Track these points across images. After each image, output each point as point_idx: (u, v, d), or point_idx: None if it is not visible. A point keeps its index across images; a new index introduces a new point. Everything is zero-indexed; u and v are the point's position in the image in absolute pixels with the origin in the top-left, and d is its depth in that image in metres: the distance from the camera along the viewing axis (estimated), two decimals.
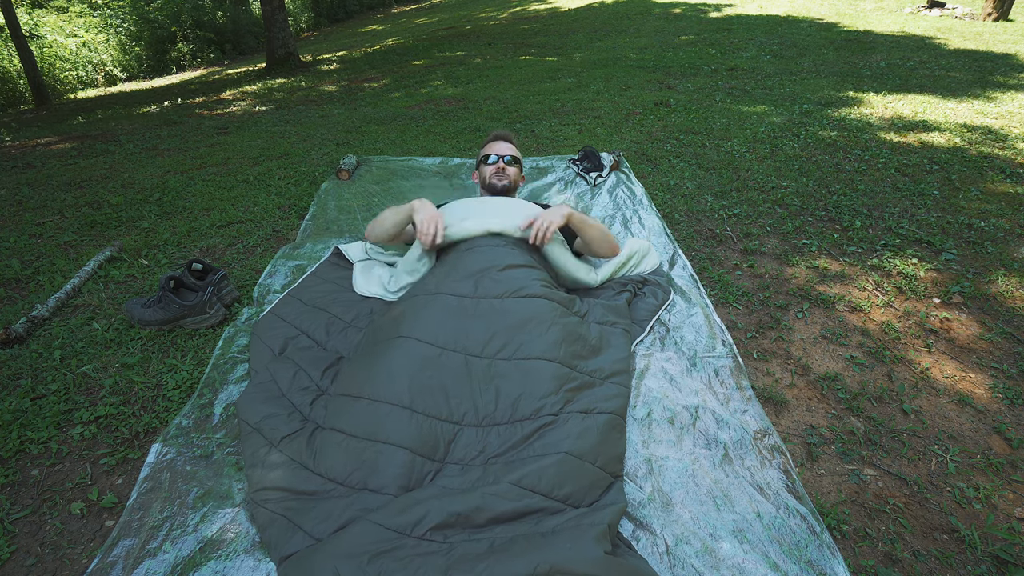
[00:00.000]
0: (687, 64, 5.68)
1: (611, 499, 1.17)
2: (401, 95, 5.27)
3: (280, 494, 1.19)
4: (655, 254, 2.05)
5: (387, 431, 1.25)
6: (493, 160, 2.11)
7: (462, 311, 1.46)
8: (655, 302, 1.83)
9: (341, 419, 1.29)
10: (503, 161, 2.11)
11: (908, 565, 1.11)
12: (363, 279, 1.95)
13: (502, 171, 2.10)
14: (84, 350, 1.74)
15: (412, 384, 1.31)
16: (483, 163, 2.15)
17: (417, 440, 1.25)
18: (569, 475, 1.17)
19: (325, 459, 1.24)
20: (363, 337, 1.59)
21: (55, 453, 1.38)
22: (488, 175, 2.12)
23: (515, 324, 1.45)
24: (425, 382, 1.32)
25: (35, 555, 1.15)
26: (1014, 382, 1.57)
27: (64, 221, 2.67)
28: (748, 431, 1.38)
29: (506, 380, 1.36)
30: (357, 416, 1.28)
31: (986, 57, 5.63)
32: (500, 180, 2.10)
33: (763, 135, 3.51)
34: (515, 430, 1.29)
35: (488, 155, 2.14)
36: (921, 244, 2.25)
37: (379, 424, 1.26)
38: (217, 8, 13.59)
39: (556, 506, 1.13)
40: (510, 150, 2.16)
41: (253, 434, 1.33)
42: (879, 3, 9.34)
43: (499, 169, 2.10)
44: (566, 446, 1.22)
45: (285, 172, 3.21)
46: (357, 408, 1.29)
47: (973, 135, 3.41)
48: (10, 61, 9.28)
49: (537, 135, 3.71)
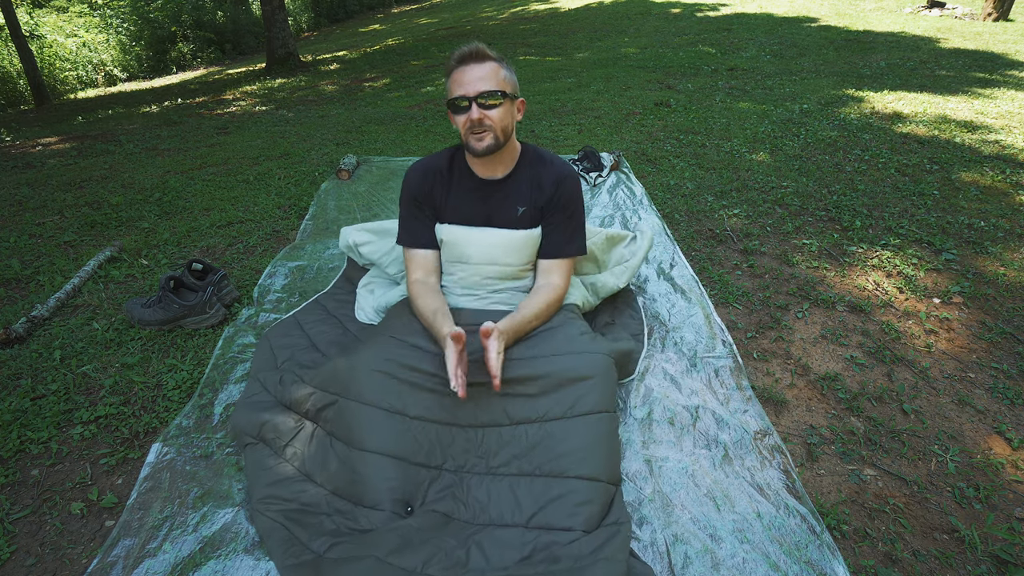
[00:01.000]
0: (687, 64, 5.68)
1: (615, 516, 1.15)
2: (401, 95, 5.27)
3: (281, 503, 1.19)
4: (642, 239, 1.89)
5: (377, 441, 1.23)
6: (462, 101, 1.36)
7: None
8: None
9: (338, 426, 1.29)
10: (477, 106, 1.35)
11: (908, 565, 1.11)
12: (364, 302, 1.83)
13: (478, 124, 1.36)
14: (84, 350, 1.74)
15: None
16: (452, 109, 1.40)
17: (411, 448, 1.24)
18: (582, 503, 1.15)
19: (325, 469, 1.24)
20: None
21: (55, 453, 1.38)
22: (463, 132, 1.40)
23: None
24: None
25: (35, 555, 1.15)
26: (1014, 382, 1.57)
27: (64, 221, 2.67)
28: (748, 431, 1.38)
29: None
30: (351, 424, 1.27)
31: (986, 57, 5.63)
32: (480, 141, 1.38)
33: (763, 135, 3.51)
34: (517, 433, 1.28)
35: (455, 95, 1.37)
36: (921, 244, 2.25)
37: (371, 432, 1.25)
38: (217, 8, 13.60)
39: (568, 536, 1.11)
40: (487, 79, 1.35)
41: (256, 444, 1.32)
42: (879, 3, 9.34)
43: (474, 122, 1.36)
44: (576, 469, 1.19)
45: (285, 172, 3.21)
46: (348, 416, 1.28)
47: (973, 135, 3.41)
48: (10, 61, 9.28)
49: (537, 135, 3.71)
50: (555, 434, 1.25)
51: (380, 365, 1.31)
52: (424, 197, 1.53)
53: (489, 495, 1.21)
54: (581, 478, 1.18)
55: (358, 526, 1.15)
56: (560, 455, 1.21)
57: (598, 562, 1.02)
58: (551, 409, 1.27)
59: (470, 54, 1.37)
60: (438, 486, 1.23)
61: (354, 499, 1.20)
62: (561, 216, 1.52)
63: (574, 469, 1.19)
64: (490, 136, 1.38)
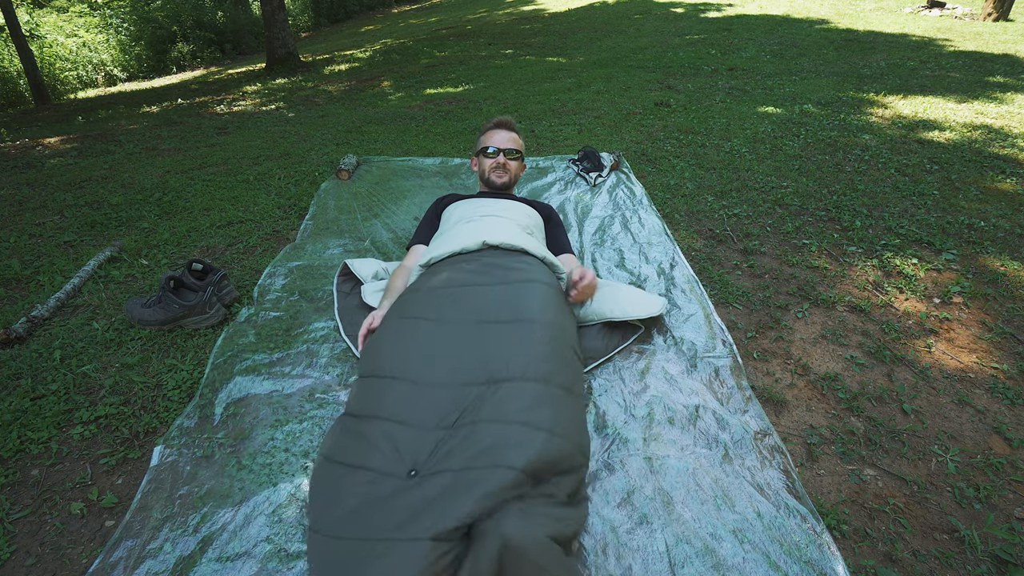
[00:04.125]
0: (687, 64, 5.69)
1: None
2: (401, 95, 5.27)
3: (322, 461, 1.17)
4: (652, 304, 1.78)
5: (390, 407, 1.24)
6: (493, 151, 1.98)
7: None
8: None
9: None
10: (504, 156, 1.98)
11: (908, 565, 1.11)
12: (370, 295, 1.90)
13: (503, 167, 1.99)
14: (84, 350, 1.74)
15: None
16: (482, 154, 2.02)
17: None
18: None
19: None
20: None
21: (55, 453, 1.38)
22: (487, 169, 2.01)
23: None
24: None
25: (35, 555, 1.15)
26: (1014, 382, 1.57)
27: (64, 221, 2.67)
28: (748, 431, 1.38)
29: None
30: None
31: (986, 57, 5.63)
32: (500, 177, 1.99)
33: (763, 135, 3.51)
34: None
35: (487, 146, 2.01)
36: (921, 244, 2.25)
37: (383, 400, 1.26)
38: (217, 8, 13.60)
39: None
40: (512, 141, 2.02)
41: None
42: (879, 3, 9.34)
43: (499, 164, 1.98)
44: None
45: (285, 172, 3.21)
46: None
47: (973, 135, 3.41)
48: (10, 61, 9.28)
49: (537, 135, 3.71)
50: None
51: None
52: (441, 201, 2.03)
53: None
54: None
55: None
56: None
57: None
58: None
59: (502, 123, 2.06)
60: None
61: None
62: (551, 225, 2.00)
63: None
64: (507, 176, 2.02)
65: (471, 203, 1.93)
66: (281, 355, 1.68)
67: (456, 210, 1.92)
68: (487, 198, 1.98)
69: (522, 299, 1.42)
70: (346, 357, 1.67)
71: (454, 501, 0.98)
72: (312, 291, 1.99)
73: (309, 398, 1.52)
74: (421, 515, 0.97)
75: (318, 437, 1.39)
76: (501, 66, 6.27)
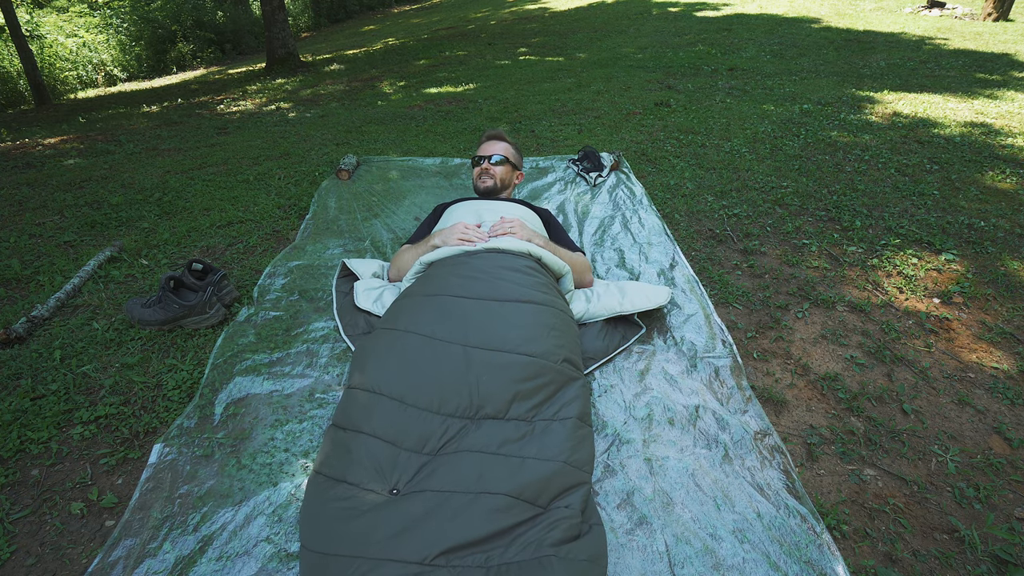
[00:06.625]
0: (687, 64, 5.68)
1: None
2: (401, 95, 5.27)
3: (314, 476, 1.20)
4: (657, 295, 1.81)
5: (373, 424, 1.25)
6: (478, 160, 2.17)
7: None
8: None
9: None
10: (488, 162, 2.14)
11: (908, 565, 1.11)
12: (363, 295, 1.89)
13: (486, 172, 2.14)
14: (84, 350, 1.74)
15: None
16: (473, 164, 2.21)
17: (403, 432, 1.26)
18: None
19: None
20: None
21: (55, 453, 1.38)
22: (475, 177, 2.19)
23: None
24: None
25: (35, 555, 1.15)
26: (1014, 382, 1.57)
27: (64, 221, 2.67)
28: (748, 431, 1.38)
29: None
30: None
31: (986, 57, 5.63)
32: (483, 182, 2.14)
33: (763, 135, 3.51)
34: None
35: (476, 156, 2.20)
36: (921, 244, 2.25)
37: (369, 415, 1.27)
38: (217, 8, 13.60)
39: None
40: (499, 149, 2.18)
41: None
42: (879, 3, 9.34)
43: (483, 171, 2.15)
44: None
45: (285, 172, 3.21)
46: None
47: (973, 135, 3.41)
48: (10, 61, 9.28)
49: (537, 135, 3.71)
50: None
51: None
52: (443, 206, 2.12)
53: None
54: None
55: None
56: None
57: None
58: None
59: (491, 135, 2.24)
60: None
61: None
62: (551, 228, 2.03)
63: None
64: (492, 181, 2.13)
65: (471, 204, 2.02)
66: (281, 355, 1.68)
67: (457, 210, 1.99)
68: (486, 199, 2.08)
69: (511, 326, 1.41)
70: (346, 357, 1.67)
71: (450, 523, 1.02)
72: (312, 291, 1.99)
73: (309, 398, 1.52)
74: (406, 535, 1.00)
75: (318, 437, 1.39)
76: (501, 66, 6.27)
